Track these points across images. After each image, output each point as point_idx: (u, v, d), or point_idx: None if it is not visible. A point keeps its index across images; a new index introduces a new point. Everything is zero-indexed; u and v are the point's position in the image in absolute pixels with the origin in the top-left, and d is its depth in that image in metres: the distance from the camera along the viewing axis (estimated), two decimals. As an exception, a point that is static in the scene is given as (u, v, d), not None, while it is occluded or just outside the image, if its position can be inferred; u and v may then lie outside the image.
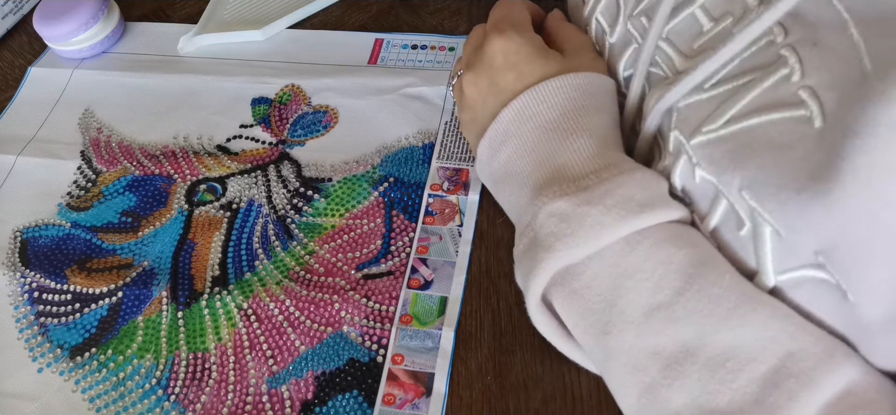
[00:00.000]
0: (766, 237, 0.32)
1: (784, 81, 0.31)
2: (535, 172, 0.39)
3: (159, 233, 0.53)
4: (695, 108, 0.36)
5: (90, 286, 0.51)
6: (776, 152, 0.31)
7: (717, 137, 0.34)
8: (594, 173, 0.37)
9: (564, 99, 0.40)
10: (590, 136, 0.39)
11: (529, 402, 0.43)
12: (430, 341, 0.45)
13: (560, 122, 0.40)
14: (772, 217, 0.31)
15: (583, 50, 0.45)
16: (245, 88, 0.62)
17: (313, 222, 0.53)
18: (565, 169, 0.38)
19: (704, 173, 0.35)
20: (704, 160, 0.34)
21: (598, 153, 0.38)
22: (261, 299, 0.49)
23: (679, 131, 0.36)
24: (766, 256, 0.32)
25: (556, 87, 0.41)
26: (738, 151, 0.32)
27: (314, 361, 0.46)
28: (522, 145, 0.41)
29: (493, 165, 0.43)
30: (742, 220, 0.33)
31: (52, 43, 0.66)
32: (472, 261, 0.49)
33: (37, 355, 0.48)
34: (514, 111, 0.41)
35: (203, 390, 0.45)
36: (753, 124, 0.32)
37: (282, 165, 0.56)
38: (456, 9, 0.68)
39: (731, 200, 0.33)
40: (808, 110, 0.30)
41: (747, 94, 0.33)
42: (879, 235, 0.27)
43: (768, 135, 0.31)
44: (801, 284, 0.32)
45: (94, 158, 0.59)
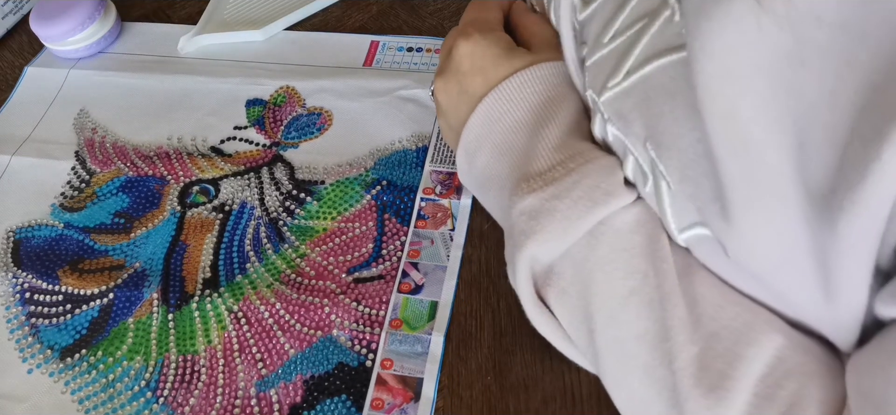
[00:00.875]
0: (664, 192, 0.33)
1: (668, 24, 0.31)
2: (512, 174, 0.39)
3: (151, 234, 0.53)
4: (600, 63, 0.36)
5: (82, 287, 0.51)
6: (670, 99, 0.31)
7: (621, 91, 0.34)
8: (560, 164, 0.37)
9: (530, 94, 0.40)
10: (555, 126, 0.39)
11: (529, 402, 0.43)
12: (419, 346, 0.45)
13: (528, 117, 0.40)
14: (665, 168, 0.32)
15: (547, 41, 0.43)
16: (240, 90, 0.62)
17: (305, 225, 0.52)
18: (533, 161, 0.38)
19: (614, 129, 0.35)
20: (614, 115, 0.35)
21: (563, 143, 0.38)
22: (251, 302, 0.49)
23: (592, 90, 0.37)
24: (666, 213, 0.33)
25: (519, 84, 0.40)
26: (641, 103, 0.33)
27: (303, 364, 0.45)
28: (495, 148, 0.40)
29: (472, 172, 0.43)
30: (646, 174, 0.34)
31: (48, 43, 0.66)
32: (467, 263, 0.49)
33: (27, 355, 0.48)
34: (482, 115, 0.41)
35: (192, 393, 0.45)
36: (648, 72, 0.32)
37: (275, 167, 0.56)
38: (456, 9, 0.68)
39: (636, 153, 0.34)
40: (684, 51, 0.29)
41: (639, 41, 0.33)
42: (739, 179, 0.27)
43: (661, 82, 0.31)
44: (700, 243, 0.33)
45: (89, 159, 0.59)
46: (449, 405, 0.43)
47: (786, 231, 0.27)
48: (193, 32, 0.66)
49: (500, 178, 0.40)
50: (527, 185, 0.37)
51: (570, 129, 0.39)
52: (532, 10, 0.48)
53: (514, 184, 0.38)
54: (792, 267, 0.28)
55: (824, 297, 0.28)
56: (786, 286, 0.30)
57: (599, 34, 0.36)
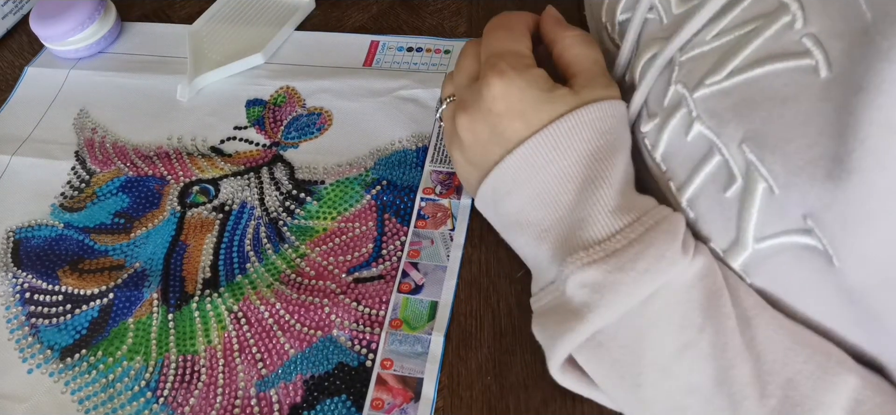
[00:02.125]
0: (757, 195, 0.31)
1: (787, 29, 0.30)
2: (556, 227, 0.37)
3: (151, 234, 0.53)
4: (698, 60, 0.35)
5: (82, 287, 0.51)
6: (781, 105, 0.30)
7: (720, 90, 0.33)
8: (621, 233, 0.35)
9: (579, 142, 0.37)
10: (609, 185, 0.36)
11: (529, 402, 0.43)
12: (419, 346, 0.45)
13: (576, 170, 0.36)
14: (769, 172, 0.30)
15: (593, 76, 0.39)
16: (240, 90, 0.62)
17: (305, 225, 0.52)
18: (588, 226, 0.35)
19: (703, 128, 0.34)
20: (706, 113, 0.33)
21: (620, 206, 0.36)
22: (251, 302, 0.49)
23: (682, 84, 0.35)
24: (751, 219, 0.32)
25: (568, 130, 0.37)
26: (741, 104, 0.32)
27: (303, 364, 0.45)
28: (536, 196, 0.37)
29: (499, 209, 0.40)
30: (733, 176, 0.32)
31: (48, 43, 0.66)
32: (467, 263, 0.49)
33: (27, 355, 0.48)
34: (522, 159, 0.37)
35: (192, 393, 0.45)
36: (758, 75, 0.31)
37: (275, 167, 0.56)
38: (456, 9, 0.68)
39: (728, 154, 0.32)
40: (812, 59, 0.29)
41: (750, 43, 0.32)
42: (870, 197, 0.27)
43: (773, 86, 0.30)
44: (782, 252, 0.32)
45: (88, 159, 0.59)
46: (449, 405, 0.43)
47: None
48: (188, 79, 0.62)
49: (539, 227, 0.38)
50: (586, 254, 0.35)
51: (625, 186, 0.37)
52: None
53: (564, 244, 0.36)
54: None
55: None
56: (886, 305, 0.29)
57: (702, 30, 0.35)
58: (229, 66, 0.63)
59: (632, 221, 0.35)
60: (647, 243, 0.34)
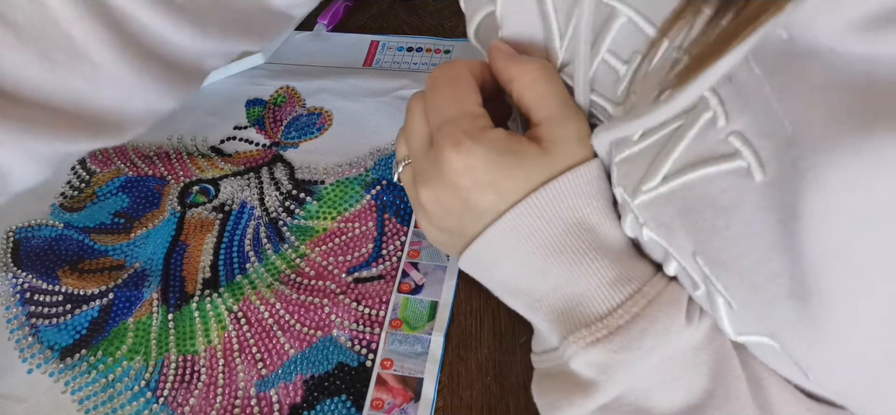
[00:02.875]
0: (720, 306, 0.30)
1: (710, 127, 0.28)
2: (548, 297, 0.34)
3: (151, 234, 0.53)
4: (630, 163, 0.32)
5: (81, 287, 0.51)
6: (724, 214, 0.28)
7: (658, 195, 0.31)
8: (622, 307, 0.33)
9: (565, 209, 0.33)
10: (604, 255, 0.34)
11: (529, 402, 0.43)
12: (419, 346, 0.45)
13: (564, 240, 0.34)
14: (725, 289, 0.29)
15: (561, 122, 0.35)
16: (240, 90, 0.62)
17: (305, 225, 0.52)
18: (587, 302, 0.33)
19: (653, 235, 0.32)
20: (653, 222, 0.31)
21: (619, 277, 0.34)
22: (251, 302, 0.49)
23: (622, 188, 0.33)
24: (723, 320, 0.31)
25: (551, 199, 0.33)
26: (684, 212, 0.30)
27: (303, 364, 0.45)
28: (525, 265, 0.34)
29: (488, 277, 0.37)
30: (696, 283, 0.31)
31: (48, 43, 0.66)
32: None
33: (27, 355, 0.48)
34: (505, 231, 0.34)
35: (192, 393, 0.45)
36: (692, 180, 0.29)
37: (275, 167, 0.56)
38: (456, 9, 0.67)
39: (683, 263, 0.31)
40: (744, 160, 0.27)
41: (676, 145, 0.29)
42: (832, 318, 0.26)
43: (710, 193, 0.28)
44: (761, 347, 0.31)
45: (88, 159, 0.59)
46: (449, 405, 0.43)
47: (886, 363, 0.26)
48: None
49: (532, 295, 0.35)
50: (588, 332, 0.33)
51: (621, 253, 0.34)
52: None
53: (561, 316, 0.34)
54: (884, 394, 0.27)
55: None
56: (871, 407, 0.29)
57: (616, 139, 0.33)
58: (229, 66, 0.63)
59: (632, 292, 0.33)
60: (651, 319, 0.32)
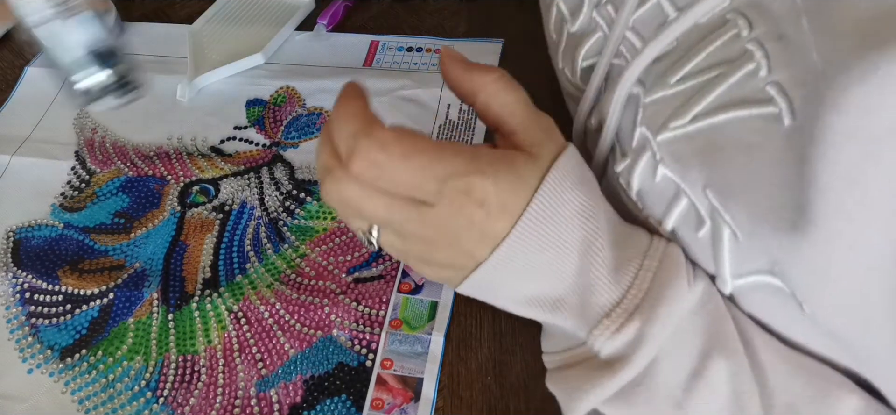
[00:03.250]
0: (725, 239, 0.31)
1: (751, 77, 0.30)
2: (569, 295, 0.35)
3: (151, 234, 0.53)
4: (661, 103, 0.34)
5: (82, 287, 0.51)
6: (745, 152, 0.30)
7: (684, 134, 0.33)
8: (634, 287, 0.34)
9: (563, 206, 0.34)
10: (603, 242, 0.34)
11: (529, 402, 0.43)
12: (419, 346, 0.45)
13: (571, 235, 0.34)
14: (732, 219, 0.31)
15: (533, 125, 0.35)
16: (240, 90, 0.62)
17: (305, 225, 0.52)
18: (597, 292, 0.34)
19: (667, 171, 0.33)
20: (669, 157, 0.33)
21: (621, 260, 0.34)
22: (251, 302, 0.49)
23: (646, 127, 0.35)
24: (724, 259, 0.32)
25: (551, 201, 0.33)
26: (705, 149, 0.32)
27: (303, 364, 0.45)
28: (538, 274, 0.35)
29: (498, 295, 0.37)
30: (702, 219, 0.32)
31: (48, 43, 0.66)
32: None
33: (27, 355, 0.48)
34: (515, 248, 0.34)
35: (192, 393, 0.45)
36: (721, 121, 0.31)
37: (275, 167, 0.56)
38: (455, 9, 0.68)
39: (693, 198, 0.32)
40: (776, 107, 0.29)
41: (714, 89, 0.32)
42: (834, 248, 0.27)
43: (737, 133, 0.30)
44: (758, 289, 0.32)
45: (88, 159, 0.59)
46: (449, 405, 0.43)
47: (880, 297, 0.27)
48: (188, 79, 0.62)
49: (551, 299, 0.35)
50: (610, 321, 0.33)
51: (616, 234, 0.35)
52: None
53: (581, 311, 0.35)
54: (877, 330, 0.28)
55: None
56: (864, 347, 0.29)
57: (665, 73, 0.34)
58: (229, 66, 0.63)
59: (637, 270, 0.34)
60: (661, 287, 0.33)
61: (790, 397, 0.31)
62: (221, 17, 0.68)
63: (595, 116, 0.41)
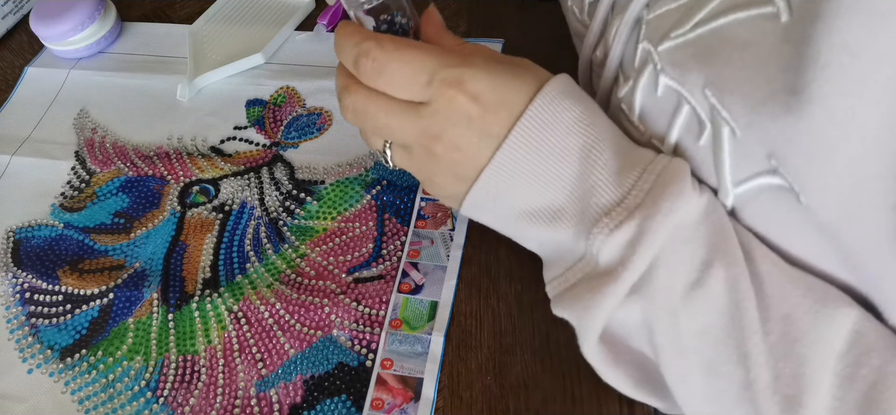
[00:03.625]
0: (724, 139, 0.32)
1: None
2: (570, 203, 0.35)
3: (151, 234, 0.53)
4: (664, 16, 0.35)
5: (82, 287, 0.51)
6: (741, 49, 0.31)
7: (685, 41, 0.33)
8: (636, 187, 0.34)
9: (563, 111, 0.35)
10: (606, 147, 0.35)
11: (529, 402, 0.43)
12: (419, 346, 0.45)
13: (570, 140, 0.35)
14: (729, 114, 0.31)
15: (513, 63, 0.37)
16: (240, 90, 0.62)
17: (305, 225, 0.52)
18: (599, 193, 0.35)
19: (668, 79, 0.34)
20: (669, 65, 0.34)
21: (624, 165, 0.35)
22: (251, 302, 0.49)
23: (647, 40, 0.36)
24: (725, 164, 0.32)
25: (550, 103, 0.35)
26: (703, 52, 0.32)
27: (303, 364, 0.45)
28: (538, 179, 0.35)
29: (500, 207, 0.38)
30: (703, 123, 0.33)
31: (48, 42, 0.66)
32: (467, 263, 0.49)
33: (27, 355, 0.48)
34: (516, 148, 0.35)
35: (192, 393, 0.45)
36: (721, 25, 0.32)
37: (275, 167, 0.56)
38: (456, 9, 0.68)
39: (694, 101, 0.33)
40: (773, 6, 0.30)
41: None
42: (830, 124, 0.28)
43: (735, 33, 0.31)
44: (759, 195, 0.32)
45: (88, 159, 0.59)
46: (449, 405, 0.43)
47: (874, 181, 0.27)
48: (188, 79, 0.62)
49: (552, 209, 0.36)
50: (610, 219, 0.34)
51: (619, 143, 0.36)
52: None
53: (582, 217, 0.35)
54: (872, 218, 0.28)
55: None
56: (859, 239, 0.29)
57: None
58: (229, 65, 0.63)
59: (640, 173, 0.35)
60: (663, 186, 0.34)
61: (787, 307, 0.32)
62: (221, 17, 0.68)
63: (600, 48, 0.41)
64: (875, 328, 0.31)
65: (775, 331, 0.31)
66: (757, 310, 0.32)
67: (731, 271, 0.33)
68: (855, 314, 0.31)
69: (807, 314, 0.31)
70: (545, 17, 0.65)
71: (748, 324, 0.32)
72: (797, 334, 0.31)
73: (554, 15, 0.60)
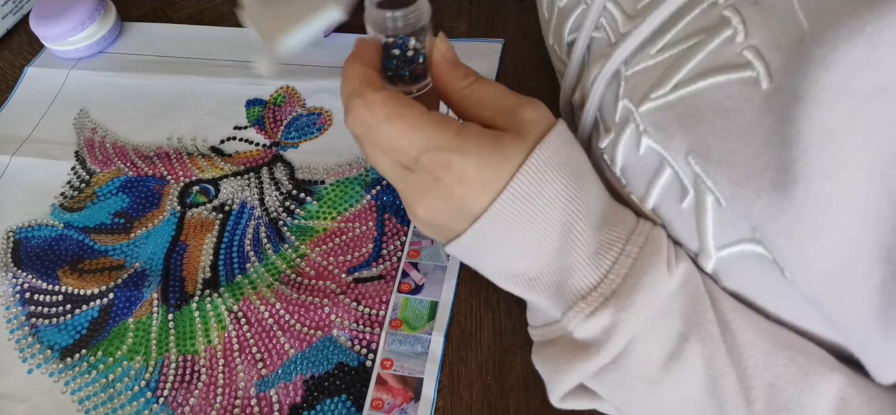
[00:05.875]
0: (708, 206, 0.32)
1: (728, 43, 0.31)
2: (545, 274, 0.35)
3: (151, 234, 0.53)
4: (643, 74, 0.35)
5: (82, 287, 0.51)
6: (724, 117, 0.30)
7: (666, 103, 0.33)
8: (612, 272, 0.34)
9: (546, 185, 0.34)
10: (586, 224, 0.34)
11: (529, 402, 0.43)
12: (419, 346, 0.45)
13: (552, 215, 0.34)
14: (715, 184, 0.31)
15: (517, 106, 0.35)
16: (240, 90, 0.62)
17: (305, 225, 0.52)
18: (576, 274, 0.34)
19: (650, 141, 0.34)
20: (652, 127, 0.34)
21: (602, 244, 0.34)
22: (251, 302, 0.49)
23: (628, 99, 0.35)
24: (708, 228, 0.32)
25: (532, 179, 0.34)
26: (685, 116, 0.32)
27: (303, 364, 0.45)
28: (516, 248, 0.35)
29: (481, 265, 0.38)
30: (686, 188, 0.33)
31: (48, 43, 0.66)
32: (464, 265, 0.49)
33: (27, 355, 0.48)
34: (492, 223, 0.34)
35: (192, 393, 0.45)
36: (701, 88, 0.31)
37: (275, 167, 0.56)
38: (456, 9, 0.68)
39: (677, 167, 0.33)
40: (754, 71, 0.29)
41: (693, 57, 0.32)
42: (814, 206, 0.27)
43: (715, 98, 0.31)
44: (742, 260, 0.32)
45: (88, 159, 0.59)
46: (449, 405, 0.43)
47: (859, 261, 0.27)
48: (265, 49, 0.56)
49: (528, 276, 0.36)
50: (585, 304, 0.34)
51: (601, 217, 0.35)
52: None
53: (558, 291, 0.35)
54: (856, 296, 0.28)
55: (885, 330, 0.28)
56: (843, 314, 0.29)
57: (646, 44, 0.35)
58: (308, 24, 0.57)
59: (616, 257, 0.34)
60: (640, 274, 0.33)
61: (771, 376, 0.32)
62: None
63: (578, 92, 0.41)
64: (860, 393, 0.31)
65: (761, 399, 0.31)
66: (737, 382, 0.32)
67: (708, 347, 0.33)
68: (839, 380, 0.31)
69: (791, 383, 0.31)
70: (545, 17, 0.64)
71: (728, 398, 0.32)
72: (783, 402, 0.31)
73: (554, 15, 0.60)
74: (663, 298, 0.33)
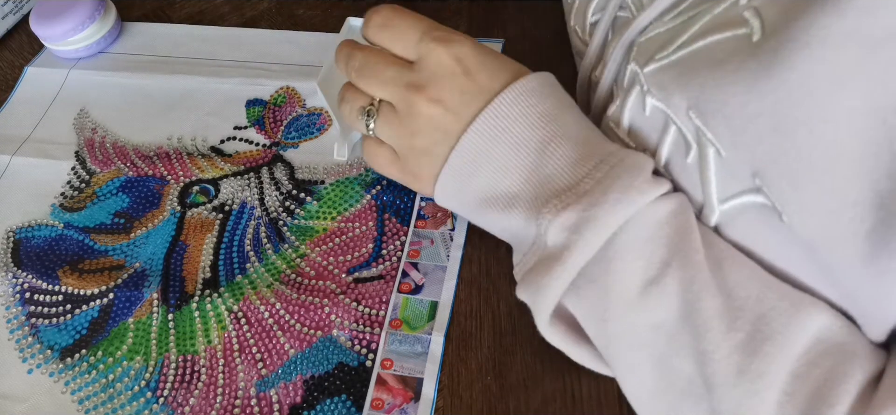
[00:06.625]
0: (710, 159, 0.33)
1: (733, 6, 0.32)
2: (525, 188, 0.38)
3: (151, 234, 0.53)
4: (653, 40, 0.36)
5: (82, 287, 0.51)
6: (715, 67, 0.31)
7: (668, 63, 0.34)
8: (588, 176, 0.36)
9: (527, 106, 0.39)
10: (567, 139, 0.38)
11: (529, 402, 0.43)
12: (419, 346, 0.45)
13: (529, 134, 0.38)
14: (714, 135, 0.32)
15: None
16: (240, 90, 0.62)
17: (305, 225, 0.52)
18: (554, 180, 0.37)
19: (654, 101, 0.35)
20: (654, 87, 0.35)
21: (583, 155, 0.37)
22: (251, 302, 0.49)
23: (635, 63, 0.37)
24: (711, 182, 0.33)
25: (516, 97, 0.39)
26: (683, 73, 0.33)
27: (303, 364, 0.45)
28: (500, 167, 0.39)
29: (466, 193, 0.41)
30: (689, 143, 0.34)
31: (48, 42, 0.66)
32: (467, 263, 0.49)
33: (27, 355, 0.48)
34: (478, 134, 0.39)
35: (192, 393, 0.45)
36: (700, 47, 0.33)
37: (275, 167, 0.56)
38: (456, 8, 0.68)
39: (679, 123, 0.34)
40: (748, 27, 0.30)
41: (699, 20, 0.34)
42: (815, 149, 0.28)
43: (711, 53, 0.32)
44: (743, 212, 0.33)
45: (88, 159, 0.59)
46: (449, 405, 0.43)
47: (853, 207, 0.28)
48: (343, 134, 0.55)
49: (507, 195, 0.39)
50: (559, 201, 0.36)
51: (584, 138, 0.38)
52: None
53: (529, 201, 0.38)
54: (849, 241, 0.28)
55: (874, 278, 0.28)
56: (836, 259, 0.30)
57: (664, 13, 0.37)
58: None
59: (597, 163, 0.36)
60: (614, 177, 0.35)
61: (763, 308, 0.32)
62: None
63: (600, 68, 0.43)
64: (840, 333, 0.31)
65: (744, 330, 0.32)
66: (719, 309, 0.32)
67: (688, 272, 0.33)
68: (824, 319, 0.32)
69: (780, 316, 0.32)
70: (545, 17, 0.65)
71: (705, 325, 0.32)
72: (769, 333, 0.31)
73: (554, 15, 0.61)
74: (651, 218, 0.34)
